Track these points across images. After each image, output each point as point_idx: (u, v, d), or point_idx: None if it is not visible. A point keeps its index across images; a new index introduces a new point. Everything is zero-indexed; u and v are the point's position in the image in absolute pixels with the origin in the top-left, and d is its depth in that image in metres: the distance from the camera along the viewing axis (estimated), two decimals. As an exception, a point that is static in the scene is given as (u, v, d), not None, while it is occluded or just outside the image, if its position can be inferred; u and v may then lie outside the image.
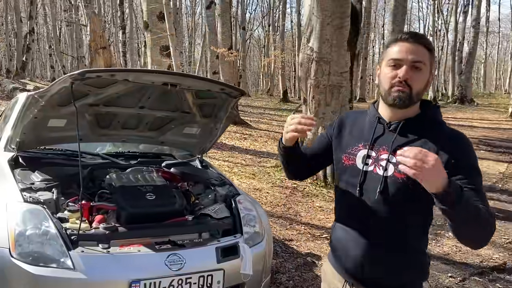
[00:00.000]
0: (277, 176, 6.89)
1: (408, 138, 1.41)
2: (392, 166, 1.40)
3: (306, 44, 6.66)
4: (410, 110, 1.41)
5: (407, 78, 1.35)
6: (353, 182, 1.48)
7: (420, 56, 1.37)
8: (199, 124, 2.96)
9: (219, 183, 2.96)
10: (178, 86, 2.35)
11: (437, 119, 1.45)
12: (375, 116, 1.50)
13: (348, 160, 1.52)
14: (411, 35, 1.40)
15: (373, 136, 1.46)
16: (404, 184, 1.37)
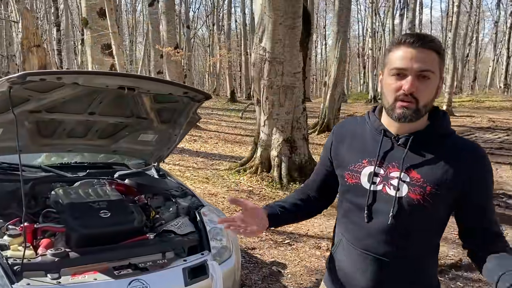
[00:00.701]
0: (232, 179, 6.71)
1: (419, 153, 1.26)
2: (406, 185, 1.25)
3: (258, 44, 6.54)
4: (418, 122, 1.26)
5: (413, 91, 1.19)
6: (360, 203, 1.32)
7: (428, 64, 1.19)
8: (157, 130, 2.71)
9: (180, 194, 2.73)
10: (136, 90, 2.10)
11: (447, 130, 1.30)
12: (380, 128, 1.32)
13: (352, 179, 1.34)
14: (416, 38, 1.20)
15: (380, 151, 1.30)
16: (420, 206, 1.23)
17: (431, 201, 1.22)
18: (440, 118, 1.30)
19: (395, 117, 1.24)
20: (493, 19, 43.19)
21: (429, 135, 1.27)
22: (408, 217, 1.25)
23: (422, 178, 1.23)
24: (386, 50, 1.29)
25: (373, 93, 23.42)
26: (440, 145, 1.27)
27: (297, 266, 3.51)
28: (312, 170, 5.92)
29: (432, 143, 1.27)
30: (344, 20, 12.62)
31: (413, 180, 1.24)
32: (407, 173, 1.25)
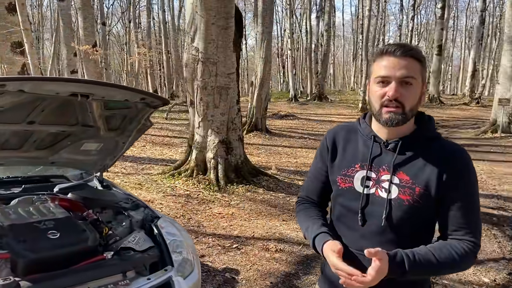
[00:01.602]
0: (167, 183, 6.47)
1: (407, 156, 1.32)
2: (396, 187, 1.31)
3: (190, 44, 6.39)
4: (405, 127, 1.33)
5: (398, 96, 1.25)
6: (353, 206, 1.37)
7: (410, 71, 1.26)
8: (103, 138, 2.49)
9: (131, 206, 2.54)
10: (90, 96, 1.90)
11: (433, 133, 1.37)
12: (370, 134, 1.38)
13: (344, 183, 1.39)
14: (398, 47, 1.27)
15: (371, 156, 1.35)
16: (410, 206, 1.29)
17: (420, 201, 1.28)
18: (426, 122, 1.38)
19: (382, 122, 1.30)
20: (396, 22, 46.93)
21: (416, 139, 1.34)
22: (400, 217, 1.30)
23: (411, 179, 1.30)
24: (371, 60, 1.37)
25: (293, 92, 24.20)
26: (427, 148, 1.33)
27: (249, 271, 3.47)
28: (249, 171, 5.92)
29: (420, 146, 1.33)
30: (268, 21, 12.83)
31: (402, 182, 1.30)
32: (396, 176, 1.31)
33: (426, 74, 1.33)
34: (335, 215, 1.46)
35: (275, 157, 9.58)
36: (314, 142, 12.06)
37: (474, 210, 1.31)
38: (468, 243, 1.28)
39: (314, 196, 1.55)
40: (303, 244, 4.10)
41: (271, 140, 12.08)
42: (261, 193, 6.28)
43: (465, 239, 1.28)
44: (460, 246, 1.27)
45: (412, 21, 38.22)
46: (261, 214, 5.26)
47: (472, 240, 1.28)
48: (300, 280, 3.35)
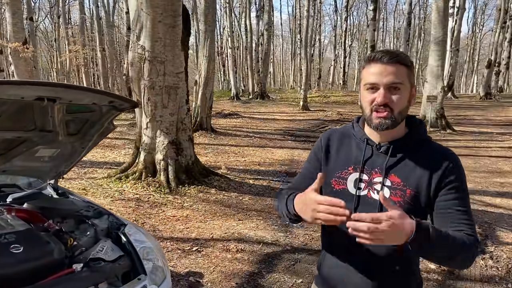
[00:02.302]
0: (114, 187, 6.22)
1: (399, 159, 1.37)
2: (388, 189, 1.35)
3: (136, 42, 6.17)
4: (396, 130, 1.37)
5: (386, 101, 1.30)
6: (347, 207, 1.33)
7: (396, 77, 1.30)
8: (60, 144, 2.33)
9: (94, 214, 2.41)
10: (57, 100, 1.77)
11: (424, 137, 1.42)
12: (363, 137, 1.42)
13: (338, 185, 1.42)
14: (384, 54, 1.32)
15: (364, 158, 1.40)
16: (401, 208, 1.28)
17: (411, 202, 1.33)
18: (417, 126, 1.43)
19: (373, 126, 1.35)
20: (331, 23, 48.72)
21: (408, 142, 1.39)
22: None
23: (402, 182, 1.34)
24: (361, 67, 1.41)
25: (235, 90, 24.26)
26: (418, 151, 1.38)
27: (213, 273, 3.43)
28: (199, 172, 5.86)
29: (411, 149, 1.38)
30: (211, 19, 12.74)
31: (394, 184, 1.35)
32: (388, 178, 1.36)
33: (414, 77, 1.38)
34: None
35: (223, 157, 9.55)
36: (260, 140, 12.19)
37: (469, 209, 1.34)
38: (472, 237, 1.28)
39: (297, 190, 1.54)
40: (262, 243, 4.14)
41: (217, 140, 12.02)
42: (213, 193, 6.23)
43: (469, 234, 1.28)
44: (468, 236, 1.27)
45: (345, 22, 39.88)
46: (216, 214, 5.22)
47: (474, 234, 1.29)
48: (265, 279, 3.39)
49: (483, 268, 3.96)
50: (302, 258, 3.86)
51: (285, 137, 13.10)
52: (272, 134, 13.41)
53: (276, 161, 9.26)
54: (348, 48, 41.93)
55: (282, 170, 8.24)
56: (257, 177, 7.57)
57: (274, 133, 13.66)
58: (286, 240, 4.34)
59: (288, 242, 4.28)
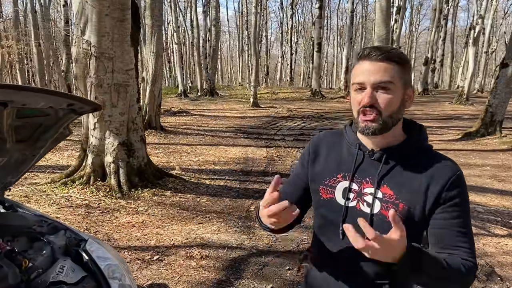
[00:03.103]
0: (59, 193, 5.77)
1: (393, 168, 1.23)
2: (378, 202, 1.22)
3: (80, 36, 5.76)
4: (392, 136, 1.24)
5: (373, 103, 1.17)
6: (334, 219, 1.29)
7: (385, 76, 1.17)
8: (8, 152, 2.04)
9: (48, 229, 2.14)
10: (10, 104, 1.51)
11: (424, 145, 1.28)
12: (355, 143, 1.29)
13: (326, 193, 1.31)
14: (372, 50, 1.19)
15: (354, 166, 1.27)
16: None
17: (403, 217, 1.17)
18: (416, 132, 1.29)
19: (359, 130, 1.22)
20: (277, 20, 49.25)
21: (404, 150, 1.25)
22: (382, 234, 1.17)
23: (395, 194, 1.21)
24: (352, 65, 1.28)
25: (182, 87, 23.77)
26: (416, 160, 1.23)
27: (179, 284, 3.24)
28: (153, 174, 5.61)
29: (408, 159, 1.24)
30: (157, 14, 12.30)
31: (385, 197, 1.22)
32: (380, 189, 1.23)
33: (409, 76, 1.23)
34: (316, 224, 1.39)
35: (175, 156, 9.26)
36: (212, 138, 11.98)
37: (469, 230, 1.20)
38: (470, 262, 1.16)
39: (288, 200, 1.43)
40: (227, 247, 3.99)
41: (168, 139, 11.66)
42: (169, 196, 5.98)
43: (466, 259, 1.17)
44: (465, 262, 1.15)
45: (291, 19, 40.45)
46: (174, 219, 5.00)
47: (473, 261, 1.17)
48: (234, 287, 3.24)
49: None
50: (269, 261, 3.76)
51: (237, 134, 12.99)
52: (224, 132, 13.25)
53: (230, 159, 9.13)
54: (294, 45, 42.58)
55: (238, 169, 8.12)
56: (213, 177, 7.40)
57: (226, 131, 13.50)
58: (251, 242, 4.22)
59: (252, 244, 4.17)
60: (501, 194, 6.81)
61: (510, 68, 11.68)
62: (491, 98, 12.17)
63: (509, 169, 8.67)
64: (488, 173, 8.28)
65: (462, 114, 18.06)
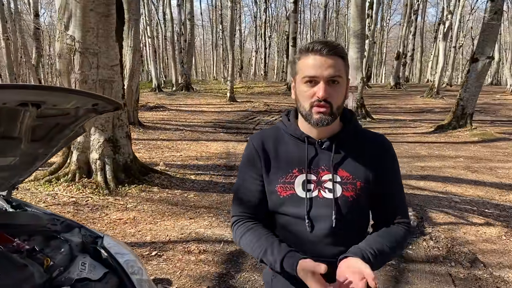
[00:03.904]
0: (44, 191, 5.68)
1: (343, 153, 1.34)
2: (339, 185, 1.30)
3: (64, 31, 5.65)
4: (334, 124, 1.33)
5: (327, 96, 1.24)
6: (298, 213, 1.30)
7: (336, 70, 1.24)
8: (21, 151, 2.03)
9: (63, 227, 2.15)
10: (42, 106, 1.52)
11: (359, 127, 1.41)
12: (302, 136, 1.34)
13: (285, 191, 1.32)
14: (323, 45, 1.25)
15: (307, 158, 1.32)
16: (354, 201, 1.31)
17: (363, 194, 1.31)
18: (350, 118, 1.40)
19: (313, 122, 1.27)
20: (250, 13, 49.15)
21: (347, 135, 1.36)
22: (348, 215, 1.30)
23: (351, 175, 1.31)
24: (296, 57, 1.33)
25: (156, 81, 23.46)
26: (356, 141, 1.36)
27: (181, 278, 3.28)
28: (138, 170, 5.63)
29: (350, 142, 1.35)
30: (135, 8, 12.10)
31: (344, 179, 1.31)
32: (337, 174, 1.31)
33: (348, 69, 1.32)
34: (279, 226, 1.37)
35: (157, 152, 9.21)
36: (192, 133, 11.96)
37: (402, 190, 1.41)
38: (404, 225, 1.37)
39: (251, 210, 1.40)
40: (223, 242, 4.06)
41: (147, 134, 11.57)
42: (156, 192, 5.98)
43: (401, 222, 1.37)
44: (400, 230, 1.35)
45: (265, 13, 40.48)
46: (165, 214, 5.01)
47: (406, 221, 1.38)
48: (235, 279, 3.32)
49: (427, 249, 4.28)
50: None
51: (216, 129, 13.00)
52: (203, 127, 13.23)
53: (213, 154, 9.16)
54: (268, 39, 42.65)
55: (221, 164, 8.17)
56: (198, 172, 7.42)
57: (204, 126, 13.49)
58: (244, 236, 4.30)
59: (247, 238, 4.25)
60: (475, 184, 7.12)
61: (480, 63, 12.16)
62: (462, 91, 12.63)
63: (481, 161, 9.08)
64: (461, 164, 8.64)
65: (434, 107, 18.65)
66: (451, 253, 4.22)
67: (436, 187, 6.82)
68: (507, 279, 3.76)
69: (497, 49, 29.20)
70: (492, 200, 6.22)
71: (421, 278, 3.62)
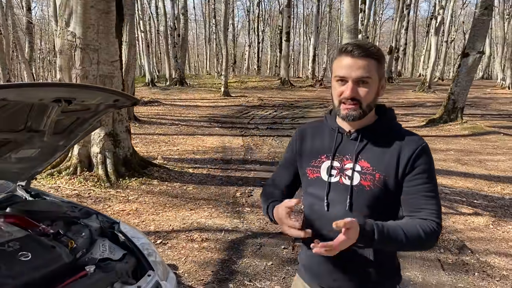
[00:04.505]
0: (46, 184, 5.81)
1: (368, 145, 1.43)
2: (358, 174, 1.40)
3: (65, 28, 5.77)
4: (366, 118, 1.42)
5: (354, 95, 1.35)
6: (320, 194, 1.46)
7: (365, 72, 1.34)
8: (43, 143, 2.19)
9: (81, 214, 2.32)
10: (73, 101, 1.68)
11: (393, 123, 1.48)
12: (335, 127, 1.49)
13: (312, 173, 1.49)
14: (355, 47, 1.35)
15: (334, 146, 1.46)
16: (371, 191, 1.38)
17: (380, 186, 1.38)
18: (386, 113, 1.49)
19: (341, 116, 1.42)
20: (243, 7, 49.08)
21: (377, 128, 1.45)
22: (362, 202, 1.39)
23: (372, 166, 1.40)
24: (333, 58, 1.48)
25: (150, 76, 23.45)
26: (386, 137, 1.43)
27: (186, 264, 3.47)
28: (138, 163, 5.82)
29: (380, 136, 1.43)
30: (129, 2, 12.13)
31: (363, 169, 1.40)
32: (358, 163, 1.41)
33: (383, 69, 1.40)
34: (307, 204, 1.51)
35: (154, 146, 9.35)
36: (188, 128, 12.08)
37: (436, 192, 1.39)
38: (432, 223, 1.34)
39: (281, 184, 1.63)
40: (224, 231, 4.24)
41: (143, 129, 11.68)
42: (156, 184, 6.14)
43: (430, 219, 1.34)
44: (426, 225, 1.33)
45: (258, 7, 40.47)
46: (166, 206, 5.19)
47: (436, 220, 1.35)
48: (237, 265, 3.52)
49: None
50: (265, 242, 4.06)
51: (212, 124, 13.13)
52: (198, 122, 13.35)
53: (209, 148, 9.32)
54: (261, 33, 42.67)
55: (218, 158, 8.33)
56: (195, 165, 7.58)
57: (200, 120, 13.61)
58: (244, 225, 4.50)
59: (247, 227, 4.45)
60: (465, 176, 7.34)
61: (471, 58, 12.39)
62: (453, 86, 12.87)
63: (470, 153, 9.30)
64: (452, 157, 8.86)
65: (425, 101, 18.89)
66: (440, 240, 4.44)
67: (427, 179, 7.02)
68: (493, 264, 3.98)
69: (488, 44, 29.57)
70: (481, 192, 6.42)
71: (411, 264, 3.84)
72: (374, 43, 22.98)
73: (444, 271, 3.74)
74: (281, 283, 3.27)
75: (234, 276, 3.34)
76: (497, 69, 26.69)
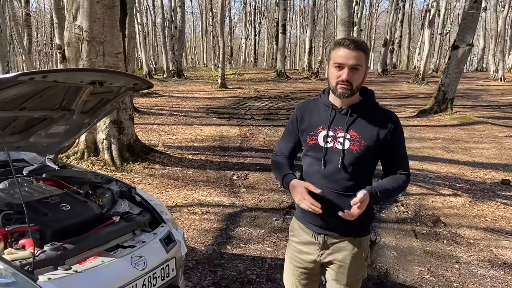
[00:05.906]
0: (57, 168, 6.26)
1: (356, 118, 1.85)
2: (348, 141, 1.83)
3: (72, 22, 6.18)
4: (354, 98, 1.85)
5: (349, 79, 1.76)
6: (318, 156, 1.88)
7: (359, 61, 1.75)
8: (72, 121, 2.63)
9: (104, 180, 2.77)
10: (104, 84, 2.12)
11: (374, 102, 1.92)
12: (329, 103, 1.90)
13: (311, 140, 1.90)
14: (351, 42, 1.76)
15: (329, 119, 1.87)
16: (357, 154, 1.83)
17: (365, 150, 1.83)
18: (368, 94, 1.92)
19: (337, 94, 1.83)
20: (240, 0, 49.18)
21: (362, 106, 1.88)
22: (351, 161, 1.84)
23: (359, 135, 1.83)
24: (331, 48, 1.91)
25: (147, 68, 23.76)
26: (369, 113, 1.87)
27: (189, 231, 3.94)
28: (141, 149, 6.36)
29: (365, 112, 1.87)
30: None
31: (352, 137, 1.84)
32: (348, 133, 1.84)
33: (369, 60, 1.92)
34: (306, 164, 1.95)
35: (154, 135, 9.77)
36: (186, 118, 12.49)
37: (405, 154, 1.93)
38: (405, 175, 1.91)
39: (285, 151, 2.05)
40: (222, 206, 4.71)
41: (142, 119, 12.08)
42: (158, 168, 6.59)
43: (403, 173, 1.91)
44: (402, 177, 1.90)
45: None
46: (168, 187, 5.64)
47: (407, 173, 1.92)
48: (234, 232, 4.00)
49: (397, 213, 4.98)
50: (259, 214, 4.54)
51: (209, 114, 13.53)
52: (196, 112, 13.75)
53: (207, 137, 9.75)
54: (257, 26, 42.94)
55: (216, 145, 8.78)
56: (194, 152, 8.03)
57: (197, 111, 14.01)
58: (240, 202, 4.98)
59: (242, 203, 4.93)
60: (450, 163, 7.74)
61: (460, 50, 12.83)
62: (443, 77, 13.31)
63: (457, 142, 9.74)
64: (439, 145, 9.30)
65: (418, 93, 19.32)
66: (418, 216, 4.92)
67: (413, 165, 7.40)
68: (463, 235, 4.46)
69: (482, 36, 29.99)
70: (463, 176, 6.82)
71: (388, 233, 4.32)
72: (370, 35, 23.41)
73: (416, 239, 4.22)
74: (272, 246, 3.76)
75: (231, 240, 3.82)
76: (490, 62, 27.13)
